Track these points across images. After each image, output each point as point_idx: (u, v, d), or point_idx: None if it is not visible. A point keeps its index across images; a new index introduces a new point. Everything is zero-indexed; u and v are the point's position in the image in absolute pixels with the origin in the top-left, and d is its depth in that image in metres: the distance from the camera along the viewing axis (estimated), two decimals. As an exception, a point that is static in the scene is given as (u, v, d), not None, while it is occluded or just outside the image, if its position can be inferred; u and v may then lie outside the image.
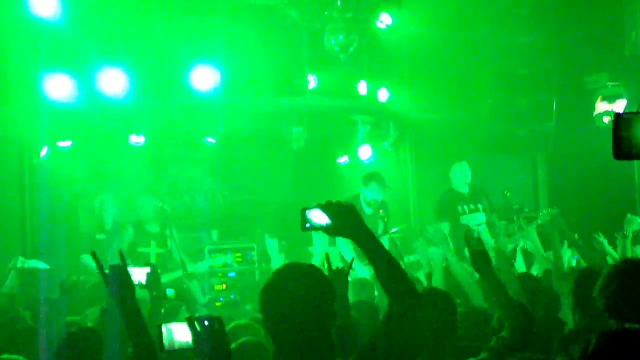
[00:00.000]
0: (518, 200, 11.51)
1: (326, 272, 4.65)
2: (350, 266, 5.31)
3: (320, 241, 10.66)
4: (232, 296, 11.26)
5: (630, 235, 9.00)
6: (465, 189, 11.32)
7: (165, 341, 3.50)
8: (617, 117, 2.12)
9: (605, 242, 9.20)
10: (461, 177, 11.32)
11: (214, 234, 12.39)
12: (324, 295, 3.40)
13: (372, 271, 5.26)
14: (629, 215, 9.22)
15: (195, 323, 3.42)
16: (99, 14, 10.43)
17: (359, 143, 13.12)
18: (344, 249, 10.12)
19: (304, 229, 3.62)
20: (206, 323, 3.41)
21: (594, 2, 12.32)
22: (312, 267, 3.54)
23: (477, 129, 12.80)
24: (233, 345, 4.81)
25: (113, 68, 10.52)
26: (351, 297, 6.77)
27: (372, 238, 3.55)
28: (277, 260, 11.07)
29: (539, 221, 10.00)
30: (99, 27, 10.41)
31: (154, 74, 10.75)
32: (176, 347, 3.50)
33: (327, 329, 3.39)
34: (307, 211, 3.61)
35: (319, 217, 3.59)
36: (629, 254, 8.68)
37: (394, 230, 11.38)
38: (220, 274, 11.59)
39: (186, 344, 3.47)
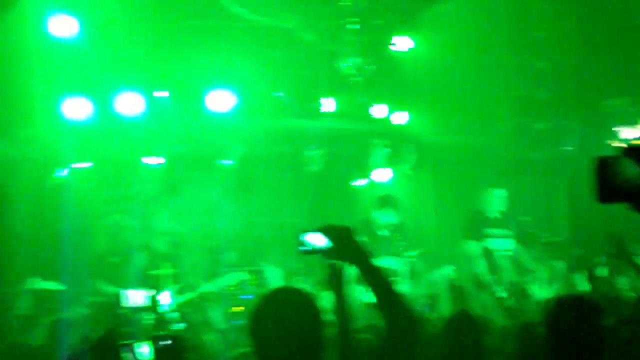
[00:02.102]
0: (536, 225, 11.41)
1: None
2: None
3: None
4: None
5: None
6: (497, 214, 11.18)
7: (129, 357, 3.53)
8: (601, 160, 2.06)
9: None
10: (496, 202, 11.16)
11: (231, 256, 12.34)
12: (312, 321, 3.37)
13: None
14: None
15: (156, 341, 3.44)
16: (117, 36, 10.50)
17: (378, 166, 13.06)
18: None
19: (301, 252, 3.60)
20: (163, 342, 3.42)
21: (614, 25, 12.24)
22: (300, 292, 3.51)
23: (496, 153, 12.74)
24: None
25: (131, 90, 10.58)
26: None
27: (369, 262, 3.52)
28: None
29: None
30: (117, 49, 10.48)
31: (171, 96, 10.80)
32: None
33: (316, 355, 3.34)
34: (304, 234, 3.60)
35: (316, 240, 3.57)
36: None
37: (412, 254, 11.30)
38: (236, 297, 11.51)
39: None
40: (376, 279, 3.53)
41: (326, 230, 3.57)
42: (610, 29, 12.26)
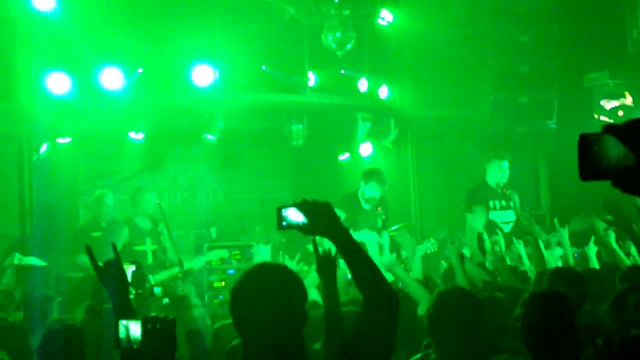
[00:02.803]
0: (520, 199, 11.45)
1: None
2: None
3: None
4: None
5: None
6: (499, 186, 11.22)
7: (122, 336, 3.53)
8: (583, 138, 2.08)
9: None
10: (500, 174, 11.16)
11: (213, 231, 12.35)
12: (294, 296, 3.36)
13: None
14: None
15: (145, 322, 3.45)
16: (99, 10, 10.44)
17: (360, 140, 13.05)
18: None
19: (280, 227, 3.58)
20: (153, 325, 3.43)
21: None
22: (283, 267, 3.51)
23: (478, 127, 12.77)
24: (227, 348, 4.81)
25: (112, 65, 10.53)
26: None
27: (348, 237, 3.50)
28: None
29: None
30: (98, 24, 10.42)
31: (153, 71, 10.75)
32: (131, 344, 3.51)
33: (297, 330, 3.35)
34: (283, 209, 3.57)
35: (295, 215, 3.55)
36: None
37: (393, 228, 11.33)
38: (219, 271, 11.50)
39: (139, 341, 3.50)
40: (354, 254, 3.51)
41: (304, 205, 3.53)
42: (591, 3, 12.29)
